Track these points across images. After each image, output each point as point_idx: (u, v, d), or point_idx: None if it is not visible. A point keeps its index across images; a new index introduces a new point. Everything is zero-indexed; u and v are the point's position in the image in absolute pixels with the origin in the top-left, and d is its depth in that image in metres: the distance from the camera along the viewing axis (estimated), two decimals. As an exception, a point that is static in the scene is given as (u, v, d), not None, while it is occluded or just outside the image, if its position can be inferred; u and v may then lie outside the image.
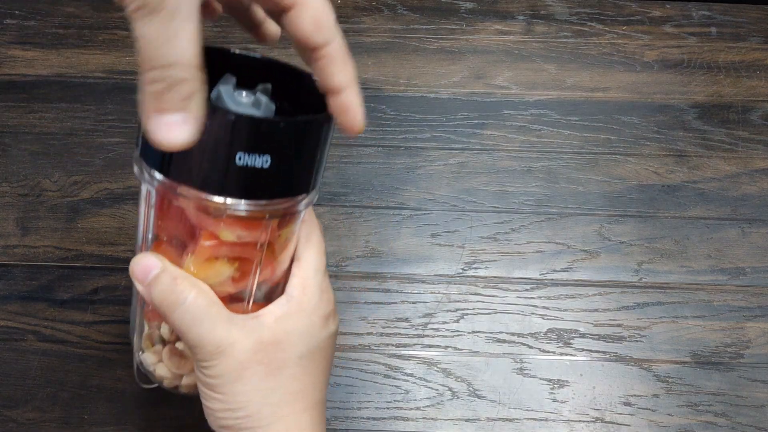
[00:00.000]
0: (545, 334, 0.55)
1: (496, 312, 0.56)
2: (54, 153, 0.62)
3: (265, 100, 0.34)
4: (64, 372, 0.52)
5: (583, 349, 0.54)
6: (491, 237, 0.59)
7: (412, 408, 0.52)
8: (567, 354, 0.54)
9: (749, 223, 0.60)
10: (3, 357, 0.52)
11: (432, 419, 0.51)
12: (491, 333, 0.55)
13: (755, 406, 0.52)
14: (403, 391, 0.52)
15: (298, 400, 0.36)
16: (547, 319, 0.55)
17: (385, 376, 0.53)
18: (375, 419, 0.51)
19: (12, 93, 0.65)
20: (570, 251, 0.59)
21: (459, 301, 0.56)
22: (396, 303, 0.56)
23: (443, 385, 0.53)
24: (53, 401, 0.51)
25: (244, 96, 0.34)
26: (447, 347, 0.54)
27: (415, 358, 0.54)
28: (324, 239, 0.39)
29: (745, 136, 0.65)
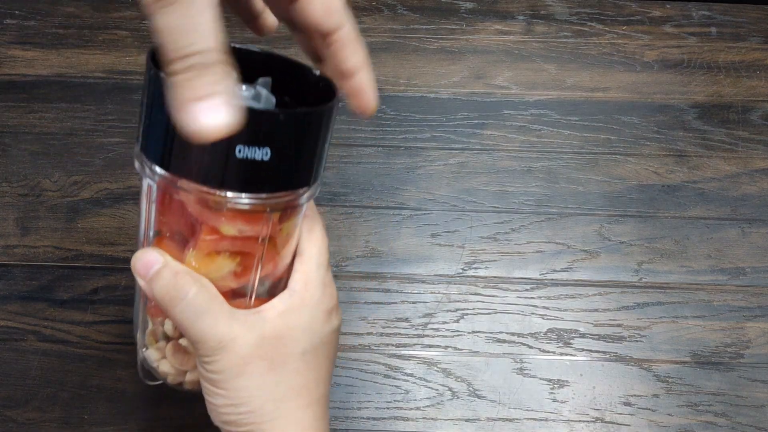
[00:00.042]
0: (545, 334, 0.55)
1: (496, 312, 0.56)
2: (54, 153, 0.62)
3: (266, 93, 0.34)
4: (64, 372, 0.52)
5: (583, 349, 0.54)
6: (491, 237, 0.59)
7: (412, 408, 0.52)
8: (567, 354, 0.54)
9: (749, 223, 0.60)
10: (3, 357, 0.52)
11: (432, 419, 0.51)
12: (491, 333, 0.55)
13: (755, 406, 0.52)
14: (403, 391, 0.52)
15: (301, 395, 0.36)
16: (547, 319, 0.55)
17: (385, 376, 0.53)
18: (375, 419, 0.51)
19: (12, 93, 0.65)
20: (570, 251, 0.59)
21: (459, 301, 0.56)
22: (396, 303, 0.56)
23: (443, 385, 0.52)
24: (53, 401, 0.51)
25: (244, 89, 0.34)
26: (447, 347, 0.54)
27: (415, 358, 0.54)
28: (327, 234, 0.38)
29: (745, 136, 0.65)
